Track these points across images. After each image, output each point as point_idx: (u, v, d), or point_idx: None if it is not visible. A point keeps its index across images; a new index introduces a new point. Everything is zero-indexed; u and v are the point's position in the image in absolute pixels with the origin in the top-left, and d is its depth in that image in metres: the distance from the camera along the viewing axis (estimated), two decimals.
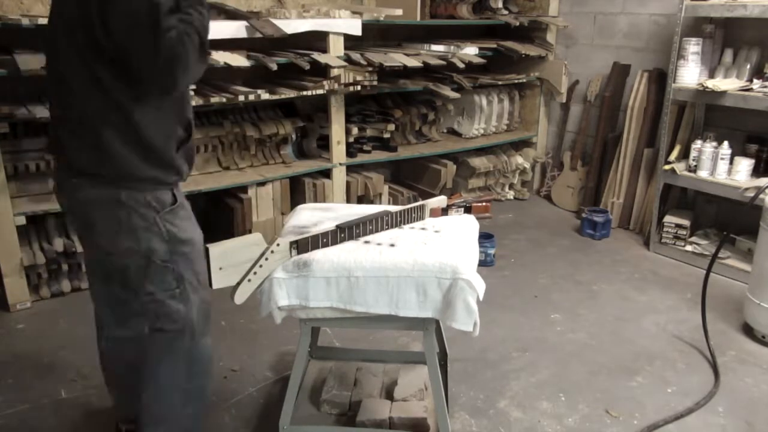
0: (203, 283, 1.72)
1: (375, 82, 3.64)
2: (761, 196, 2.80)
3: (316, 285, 1.66)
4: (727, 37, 3.57)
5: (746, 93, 3.21)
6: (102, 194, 1.59)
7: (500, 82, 4.37)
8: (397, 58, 3.67)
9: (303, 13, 3.53)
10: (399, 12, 3.71)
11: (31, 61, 2.66)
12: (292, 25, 3.28)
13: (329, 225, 1.78)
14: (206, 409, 1.93)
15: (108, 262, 1.68)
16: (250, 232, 3.45)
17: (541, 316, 2.99)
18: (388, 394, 2.15)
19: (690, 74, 3.47)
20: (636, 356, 2.65)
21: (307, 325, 1.78)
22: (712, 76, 3.52)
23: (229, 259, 1.60)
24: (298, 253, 1.71)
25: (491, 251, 3.54)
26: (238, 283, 1.63)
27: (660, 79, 3.91)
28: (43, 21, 2.69)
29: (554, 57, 4.54)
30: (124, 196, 1.58)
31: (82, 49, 1.47)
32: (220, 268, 1.59)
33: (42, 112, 2.73)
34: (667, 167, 3.58)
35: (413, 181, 4.44)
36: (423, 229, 1.90)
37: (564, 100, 4.55)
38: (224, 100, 3.15)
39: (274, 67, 3.24)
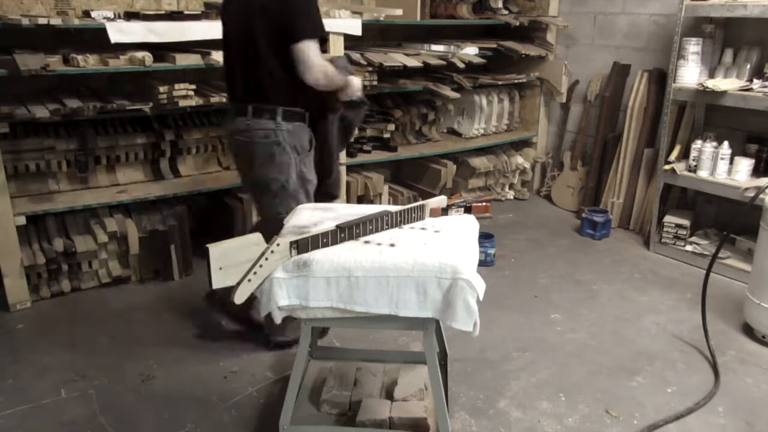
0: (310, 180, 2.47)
1: (375, 82, 3.64)
2: (761, 196, 2.80)
3: (316, 285, 1.66)
4: (727, 37, 3.57)
5: (746, 93, 3.21)
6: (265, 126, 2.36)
7: (500, 82, 4.37)
8: (397, 58, 3.67)
9: None
10: (399, 12, 3.71)
11: (31, 61, 2.66)
12: None
13: (329, 225, 1.78)
14: None
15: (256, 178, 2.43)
16: (251, 231, 3.46)
17: (541, 316, 2.99)
18: (388, 394, 2.15)
19: (690, 74, 3.47)
20: (636, 356, 2.65)
21: (307, 325, 1.78)
22: (712, 76, 3.52)
23: (229, 259, 1.60)
24: (298, 253, 1.71)
25: (491, 251, 3.54)
26: (239, 283, 1.63)
27: (660, 79, 3.91)
28: (43, 21, 2.70)
29: (554, 57, 4.54)
30: (280, 135, 2.36)
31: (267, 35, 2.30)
32: (220, 268, 1.59)
33: (42, 112, 2.73)
34: (667, 167, 3.58)
35: (413, 181, 4.44)
36: (423, 229, 1.90)
37: (564, 100, 4.55)
38: (224, 100, 3.15)
39: None
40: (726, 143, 3.37)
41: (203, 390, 2.38)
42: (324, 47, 2.53)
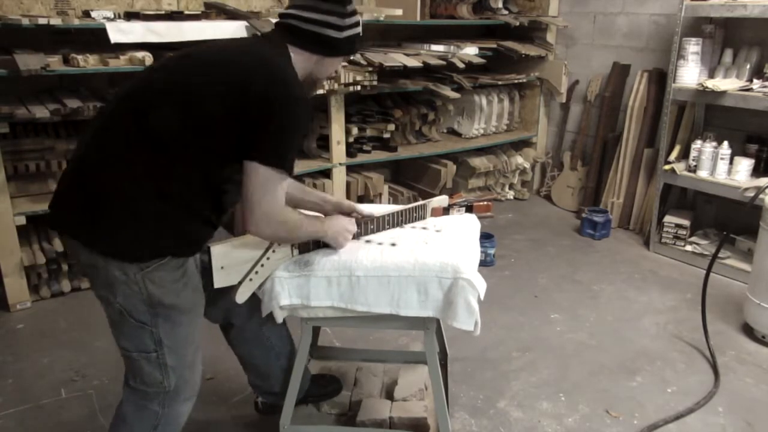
0: (193, 348, 1.60)
1: (375, 82, 3.64)
2: (761, 196, 2.80)
3: (317, 284, 1.66)
4: (727, 37, 3.57)
5: (746, 93, 3.21)
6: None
7: (500, 82, 4.37)
8: (397, 58, 3.67)
9: None
10: (399, 12, 3.71)
11: (31, 61, 2.66)
12: None
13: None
14: None
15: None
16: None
17: (541, 316, 2.99)
18: (389, 394, 2.15)
19: (690, 74, 3.47)
20: (636, 356, 2.65)
21: (308, 324, 1.78)
22: (712, 76, 3.52)
23: (230, 259, 1.60)
24: (300, 252, 1.71)
25: (491, 251, 3.54)
26: (240, 282, 1.63)
27: (660, 79, 3.91)
28: (43, 21, 2.69)
29: (554, 57, 4.54)
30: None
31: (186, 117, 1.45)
32: (222, 268, 1.59)
33: (42, 112, 2.73)
34: (667, 167, 3.59)
35: (413, 181, 4.44)
36: (424, 228, 1.90)
37: (564, 100, 4.55)
38: None
39: None
40: (726, 143, 3.37)
41: (203, 389, 2.38)
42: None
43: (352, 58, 3.56)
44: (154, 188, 1.42)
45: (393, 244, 1.75)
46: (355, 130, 3.84)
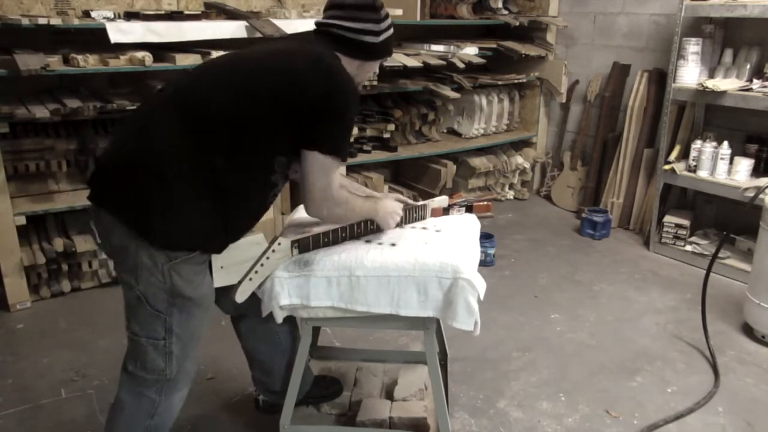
0: (197, 339, 1.64)
1: (375, 82, 3.64)
2: (761, 196, 2.80)
3: (317, 284, 1.66)
4: (727, 37, 3.57)
5: (746, 93, 3.21)
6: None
7: (500, 82, 4.37)
8: (397, 58, 3.67)
9: (303, 13, 3.54)
10: (399, 12, 3.71)
11: (31, 61, 2.66)
12: (292, 25, 3.28)
13: (330, 224, 1.78)
14: None
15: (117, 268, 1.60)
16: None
17: (541, 316, 2.99)
18: (388, 394, 2.15)
19: (690, 74, 3.47)
20: (636, 356, 2.65)
21: (308, 324, 1.78)
22: (712, 76, 3.52)
23: (230, 258, 1.60)
24: (300, 252, 1.71)
25: (491, 251, 3.54)
26: (240, 282, 1.63)
27: (660, 79, 3.91)
28: (43, 21, 2.69)
29: (554, 57, 4.54)
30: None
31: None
32: (222, 267, 1.59)
33: (42, 112, 2.73)
34: (667, 167, 3.59)
35: (413, 181, 4.44)
36: (424, 228, 1.90)
37: (564, 100, 4.55)
38: None
39: None
40: (726, 143, 3.37)
41: (203, 389, 2.38)
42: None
43: None
44: (206, 183, 1.47)
45: (393, 244, 1.75)
46: (355, 130, 3.84)
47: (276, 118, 1.51)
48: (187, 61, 3.03)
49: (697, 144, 3.48)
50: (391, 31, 1.68)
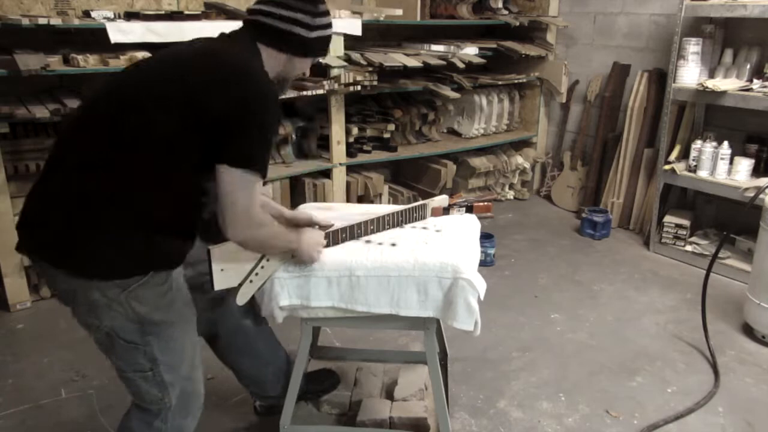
0: (190, 361, 1.56)
1: (375, 82, 3.64)
2: (761, 196, 2.80)
3: (317, 284, 1.66)
4: (727, 37, 3.57)
5: (746, 93, 3.21)
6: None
7: (500, 82, 4.37)
8: (397, 58, 3.67)
9: None
10: (399, 12, 3.71)
11: (31, 61, 2.66)
12: None
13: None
14: None
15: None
16: None
17: (541, 316, 2.99)
18: (389, 394, 2.15)
19: (690, 74, 3.47)
20: (636, 356, 2.65)
21: (308, 324, 1.78)
22: (712, 76, 3.52)
23: (230, 260, 1.60)
24: None
25: (491, 251, 3.54)
26: (240, 284, 1.62)
27: (660, 79, 3.91)
28: (43, 21, 2.69)
29: (554, 57, 4.54)
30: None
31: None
32: (222, 269, 1.59)
33: (42, 112, 2.73)
34: (667, 167, 3.58)
35: (413, 181, 4.44)
36: (424, 228, 1.90)
37: (564, 100, 4.55)
38: None
39: None
40: (726, 143, 3.37)
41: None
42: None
43: (352, 57, 3.56)
44: (128, 203, 1.37)
45: (393, 244, 1.75)
46: (355, 130, 3.84)
47: (186, 125, 1.35)
48: None
49: (697, 144, 3.48)
50: (329, 32, 1.55)
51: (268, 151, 1.45)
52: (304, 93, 3.40)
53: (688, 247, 3.63)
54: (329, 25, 1.55)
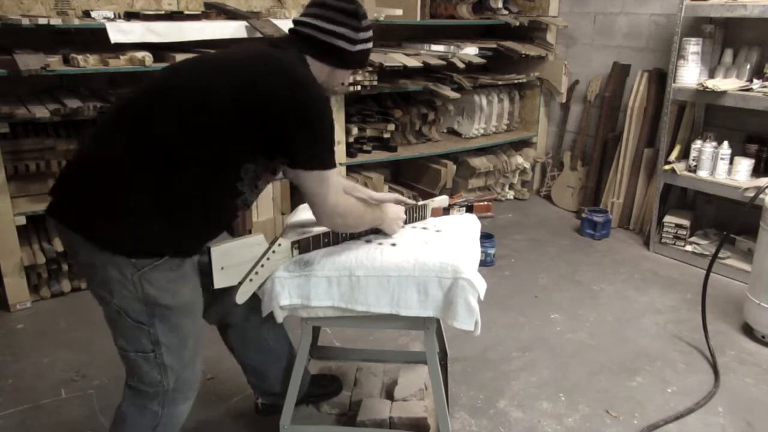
0: (192, 348, 1.59)
1: (375, 82, 3.64)
2: (761, 196, 2.80)
3: (317, 284, 1.66)
4: (727, 37, 3.57)
5: (746, 93, 3.21)
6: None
7: (500, 82, 4.37)
8: (397, 58, 3.67)
9: None
10: (399, 12, 3.71)
11: (31, 61, 2.66)
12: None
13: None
14: None
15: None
16: (250, 232, 3.45)
17: (541, 316, 2.99)
18: (389, 394, 2.15)
19: (690, 74, 3.47)
20: (636, 356, 2.65)
21: (308, 324, 1.78)
22: (712, 76, 3.52)
23: (230, 259, 1.60)
24: (300, 252, 1.71)
25: (491, 251, 3.54)
26: (240, 283, 1.63)
27: (660, 79, 3.91)
28: (43, 21, 2.69)
29: (554, 57, 4.54)
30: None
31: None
32: (222, 268, 1.59)
33: (42, 112, 2.73)
34: (667, 167, 3.59)
35: (413, 181, 4.44)
36: (424, 228, 1.90)
37: (564, 100, 4.55)
38: None
39: None
40: (726, 143, 3.37)
41: (203, 390, 2.38)
42: None
43: None
44: (167, 190, 1.43)
45: (393, 244, 1.75)
46: (355, 130, 3.84)
47: (233, 128, 1.43)
48: None
49: (697, 144, 3.48)
50: (370, 45, 1.62)
51: (332, 143, 1.55)
52: None
53: (688, 247, 3.63)
54: (371, 39, 1.62)
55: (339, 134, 3.70)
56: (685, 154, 3.67)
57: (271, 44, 1.61)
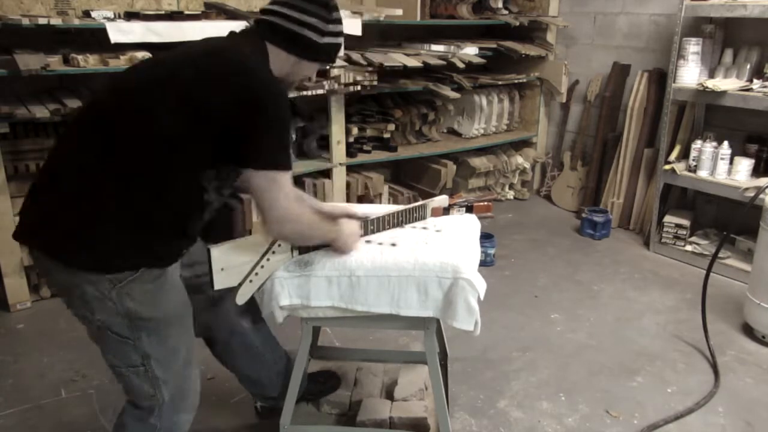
0: (184, 359, 1.56)
1: (375, 82, 3.64)
2: (761, 196, 2.80)
3: (317, 284, 1.66)
4: (727, 37, 3.57)
5: (746, 93, 3.21)
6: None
7: (500, 82, 4.36)
8: (397, 58, 3.67)
9: None
10: (399, 12, 3.71)
11: (31, 61, 2.66)
12: None
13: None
14: None
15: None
16: (250, 232, 3.45)
17: (541, 316, 2.99)
18: (389, 394, 2.15)
19: (690, 74, 3.47)
20: (636, 356, 2.65)
21: (308, 324, 1.78)
22: (712, 76, 3.52)
23: (230, 260, 1.60)
24: (300, 252, 1.71)
25: (491, 251, 3.54)
26: (240, 284, 1.63)
27: (660, 79, 3.91)
28: (43, 21, 2.69)
29: (554, 57, 4.54)
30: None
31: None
32: (222, 269, 1.59)
33: (42, 112, 2.73)
34: (667, 167, 3.59)
35: (413, 181, 4.44)
36: (424, 228, 1.90)
37: (564, 100, 4.55)
38: None
39: None
40: (726, 143, 3.37)
41: (203, 390, 2.37)
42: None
43: (352, 57, 3.56)
44: (128, 202, 1.38)
45: (393, 244, 1.75)
46: (355, 130, 3.84)
47: (192, 130, 1.37)
48: None
49: (697, 144, 3.48)
50: (339, 40, 1.57)
51: (288, 143, 1.47)
52: (304, 93, 3.40)
53: (688, 247, 3.63)
54: (341, 33, 1.57)
55: (339, 134, 3.70)
56: (685, 154, 3.67)
57: (232, 35, 1.55)
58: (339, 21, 1.55)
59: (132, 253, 1.41)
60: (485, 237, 3.49)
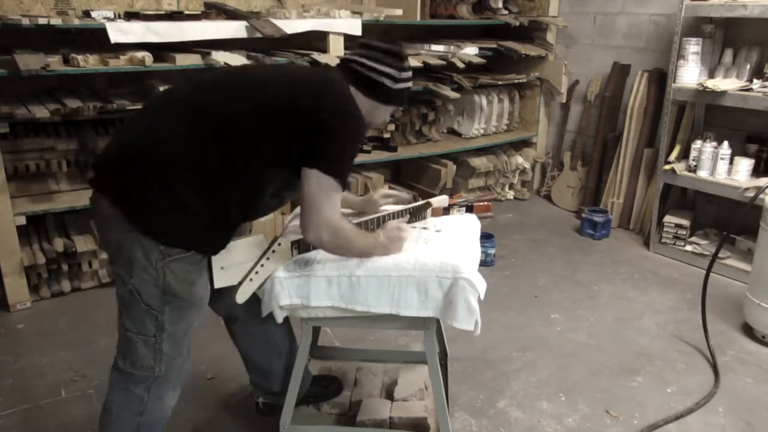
0: (189, 340, 1.66)
1: None
2: (761, 196, 2.80)
3: (317, 284, 1.66)
4: (727, 37, 3.57)
5: (746, 93, 3.21)
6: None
7: (500, 82, 4.36)
8: None
9: (303, 13, 3.53)
10: (399, 12, 3.71)
11: (31, 61, 2.66)
12: (292, 25, 3.28)
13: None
14: None
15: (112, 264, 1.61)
16: (250, 232, 3.45)
17: (541, 316, 2.99)
18: (389, 394, 2.15)
19: (690, 74, 3.47)
20: (636, 356, 2.65)
21: (308, 324, 1.78)
22: (712, 76, 3.52)
23: (230, 259, 1.60)
24: (300, 252, 1.71)
25: (491, 251, 3.54)
26: (240, 283, 1.63)
27: (660, 79, 3.91)
28: (43, 21, 2.69)
29: (554, 57, 4.54)
30: None
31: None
32: (222, 268, 1.59)
33: (42, 112, 2.73)
34: (667, 167, 3.59)
35: (413, 181, 4.44)
36: (424, 228, 1.90)
37: (564, 100, 4.55)
38: None
39: None
40: (726, 143, 3.37)
41: (203, 389, 2.38)
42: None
43: None
44: (203, 184, 1.50)
45: None
46: None
47: (291, 130, 1.54)
48: (187, 61, 3.03)
49: (697, 144, 3.48)
50: (410, 84, 1.73)
51: (351, 164, 1.64)
52: None
53: (688, 247, 3.63)
54: (409, 80, 1.73)
55: None
56: (685, 154, 3.67)
57: (322, 68, 1.76)
58: (410, 68, 1.72)
59: (190, 235, 1.53)
60: (485, 237, 3.49)
